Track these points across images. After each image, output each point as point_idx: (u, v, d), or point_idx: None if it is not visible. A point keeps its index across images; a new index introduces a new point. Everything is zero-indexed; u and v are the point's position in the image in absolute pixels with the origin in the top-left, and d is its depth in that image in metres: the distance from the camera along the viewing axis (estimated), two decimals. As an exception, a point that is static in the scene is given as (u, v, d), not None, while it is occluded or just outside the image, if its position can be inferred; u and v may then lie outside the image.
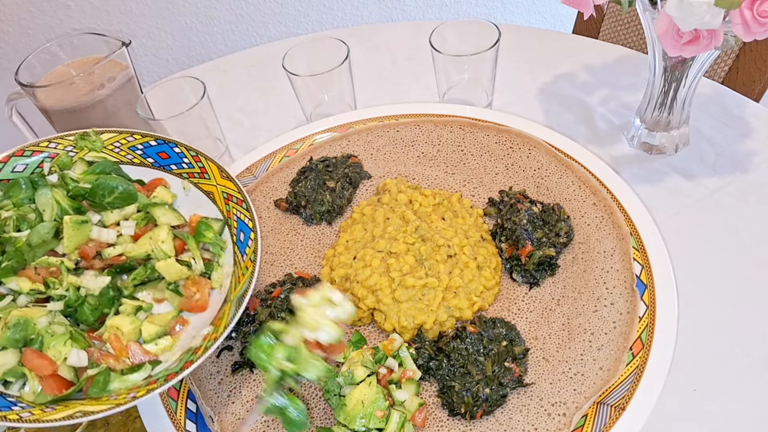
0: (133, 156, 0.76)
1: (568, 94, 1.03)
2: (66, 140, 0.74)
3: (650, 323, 0.65)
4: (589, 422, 0.60)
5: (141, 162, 0.76)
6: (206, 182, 0.74)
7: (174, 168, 0.76)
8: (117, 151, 0.76)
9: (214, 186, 0.73)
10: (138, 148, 0.76)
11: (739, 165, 0.87)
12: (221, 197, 0.72)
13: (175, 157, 0.75)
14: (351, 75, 0.97)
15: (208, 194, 0.74)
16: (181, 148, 0.75)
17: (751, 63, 1.10)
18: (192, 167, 0.75)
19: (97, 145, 0.75)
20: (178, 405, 0.65)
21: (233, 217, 0.71)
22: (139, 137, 0.76)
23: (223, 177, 0.73)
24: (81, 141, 0.74)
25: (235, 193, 0.71)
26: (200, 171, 0.74)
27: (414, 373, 0.64)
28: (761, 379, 0.66)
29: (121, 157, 0.76)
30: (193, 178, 0.75)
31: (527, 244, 0.72)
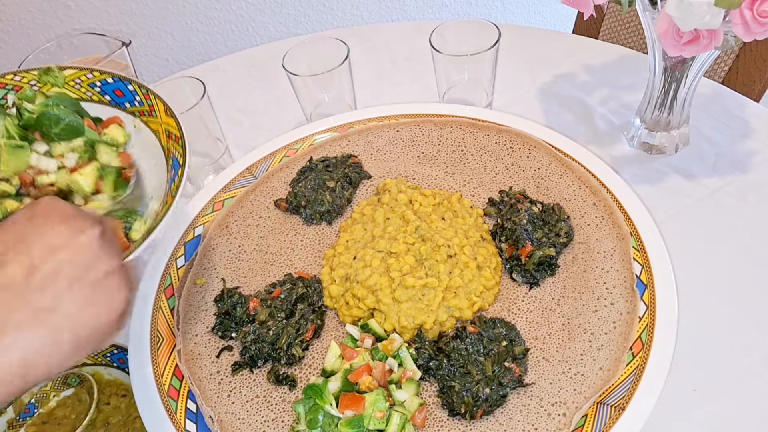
0: (92, 93, 0.77)
1: (568, 94, 1.03)
2: (30, 74, 0.75)
3: (650, 323, 0.65)
4: (589, 422, 0.60)
5: (99, 99, 0.77)
6: (154, 120, 0.74)
7: (128, 106, 0.76)
8: (78, 88, 0.77)
9: (159, 124, 0.74)
10: (96, 85, 0.77)
11: (739, 165, 0.87)
12: (164, 135, 0.73)
13: (129, 95, 0.76)
14: (351, 75, 0.97)
15: (155, 132, 0.74)
16: (134, 86, 0.76)
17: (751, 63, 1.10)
18: (143, 105, 0.75)
19: (59, 81, 0.76)
20: (178, 405, 0.65)
21: (171, 151, 0.71)
22: (98, 74, 0.77)
23: (168, 114, 0.73)
24: (44, 76, 0.75)
25: (174, 130, 0.71)
26: (149, 108, 0.75)
27: (414, 373, 0.64)
28: (761, 379, 0.66)
29: (81, 93, 0.77)
30: (143, 116, 0.76)
31: (527, 244, 0.72)
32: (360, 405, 0.59)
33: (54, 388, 0.76)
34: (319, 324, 0.71)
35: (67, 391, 0.76)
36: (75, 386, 0.76)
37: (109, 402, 0.74)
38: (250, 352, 0.68)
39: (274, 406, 0.65)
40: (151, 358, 0.69)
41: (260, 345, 0.68)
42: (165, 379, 0.67)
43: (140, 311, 0.74)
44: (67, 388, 0.76)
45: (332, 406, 0.60)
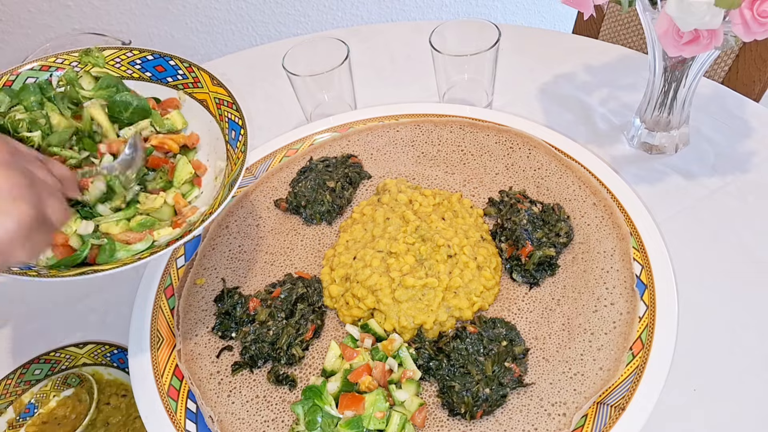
0: (133, 71, 0.80)
1: (568, 94, 1.03)
2: (71, 56, 0.78)
3: (650, 323, 0.65)
4: (589, 422, 0.60)
5: (140, 76, 0.80)
6: (200, 90, 0.79)
7: (170, 80, 0.80)
8: (118, 66, 0.80)
9: (207, 93, 0.78)
10: (137, 62, 0.80)
11: (739, 165, 0.87)
12: (213, 103, 0.77)
13: (171, 70, 0.80)
14: (351, 75, 0.97)
15: (201, 102, 0.79)
16: (176, 61, 0.80)
17: (751, 63, 1.10)
18: (186, 78, 0.79)
19: (100, 61, 0.79)
20: (178, 405, 0.65)
21: (225, 119, 0.76)
22: (137, 52, 0.80)
23: (215, 84, 0.78)
24: (85, 57, 0.78)
25: (225, 98, 0.76)
26: (194, 81, 0.79)
27: (414, 373, 0.64)
28: (761, 379, 0.66)
29: (122, 72, 0.80)
30: (188, 89, 0.79)
31: (527, 244, 0.72)
32: (360, 405, 0.59)
33: (54, 388, 0.76)
34: (319, 324, 0.71)
35: (67, 391, 0.76)
36: (75, 386, 0.76)
37: (109, 402, 0.74)
38: (250, 352, 0.68)
39: (274, 406, 0.65)
40: (151, 358, 0.69)
41: (260, 345, 0.68)
42: (165, 379, 0.67)
43: (140, 311, 0.74)
44: (67, 388, 0.76)
45: (332, 406, 0.60)
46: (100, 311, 0.84)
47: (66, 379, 0.76)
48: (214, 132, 0.77)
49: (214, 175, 0.75)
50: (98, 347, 0.78)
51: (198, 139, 0.78)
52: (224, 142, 0.75)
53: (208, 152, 0.78)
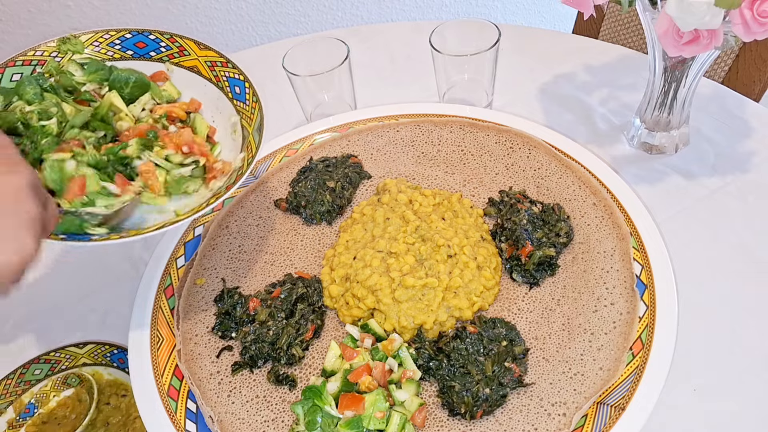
0: (113, 51, 0.79)
1: (568, 94, 1.03)
2: (49, 46, 0.77)
3: (650, 323, 0.65)
4: (589, 422, 0.60)
5: (121, 56, 0.79)
6: (187, 58, 0.78)
7: (153, 54, 0.79)
8: (98, 50, 0.79)
9: (196, 59, 0.78)
10: (116, 43, 0.79)
11: (739, 165, 0.87)
12: (205, 67, 0.77)
13: (152, 44, 0.79)
14: (351, 75, 0.97)
15: (191, 69, 0.79)
16: (155, 34, 0.79)
17: (751, 63, 1.10)
18: (170, 49, 0.79)
19: (79, 47, 0.78)
20: (178, 405, 0.65)
21: (222, 78, 0.76)
22: (114, 33, 0.79)
23: (202, 48, 0.78)
24: (63, 45, 0.77)
25: (218, 59, 0.76)
26: (179, 50, 0.79)
27: (414, 373, 0.64)
28: (761, 379, 0.66)
29: (102, 54, 0.79)
30: (174, 59, 0.79)
31: (527, 244, 0.72)
32: (360, 405, 0.59)
33: (54, 388, 0.76)
34: (319, 324, 0.71)
35: (67, 391, 0.76)
36: (75, 386, 0.76)
37: (109, 402, 0.74)
38: (250, 352, 0.68)
39: (274, 406, 0.65)
40: (151, 358, 0.69)
41: (260, 345, 0.68)
42: (165, 379, 0.67)
43: (140, 311, 0.74)
44: (67, 388, 0.76)
45: (332, 406, 0.60)
46: (100, 311, 0.84)
47: (66, 379, 0.76)
48: (211, 94, 0.78)
49: (230, 131, 0.75)
50: (98, 347, 0.78)
51: (200, 104, 0.79)
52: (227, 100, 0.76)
53: (212, 113, 0.78)
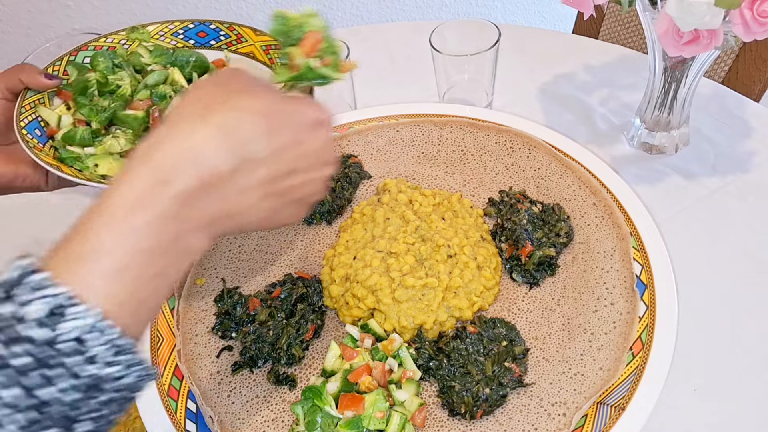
0: (177, 41, 0.86)
1: (568, 94, 1.03)
2: (119, 35, 0.84)
3: (650, 323, 0.65)
4: (589, 422, 0.60)
5: (184, 45, 0.85)
6: (244, 45, 0.84)
7: (213, 43, 0.85)
8: (162, 39, 0.86)
9: (252, 45, 0.83)
10: (179, 33, 0.86)
11: (739, 165, 0.87)
12: (261, 51, 0.82)
13: (212, 33, 0.85)
14: (351, 75, 0.97)
15: (247, 55, 0.83)
16: (216, 24, 0.86)
17: (751, 63, 1.10)
18: (228, 37, 0.84)
19: (146, 36, 0.85)
20: (178, 405, 0.65)
21: (277, 61, 0.80)
22: (178, 23, 0.86)
23: (258, 34, 0.82)
24: (131, 34, 0.84)
25: (272, 42, 0.81)
26: (236, 37, 0.84)
27: (414, 374, 0.64)
28: (761, 379, 0.66)
29: (167, 44, 0.86)
30: (232, 46, 0.84)
31: (527, 244, 0.72)
32: (360, 405, 0.59)
33: (54, 388, 0.76)
34: (319, 324, 0.71)
35: (67, 391, 0.76)
36: (75, 386, 0.76)
37: (109, 402, 0.74)
38: (250, 352, 0.68)
39: (274, 407, 0.65)
40: (151, 358, 0.69)
41: (260, 345, 0.68)
42: (165, 379, 0.67)
43: (140, 311, 0.73)
44: (66, 388, 0.76)
45: (331, 406, 0.60)
46: (100, 311, 0.84)
47: (66, 379, 0.76)
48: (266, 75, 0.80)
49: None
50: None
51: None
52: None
53: None
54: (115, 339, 0.34)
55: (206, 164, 0.38)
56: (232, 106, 0.40)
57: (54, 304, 0.33)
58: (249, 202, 0.41)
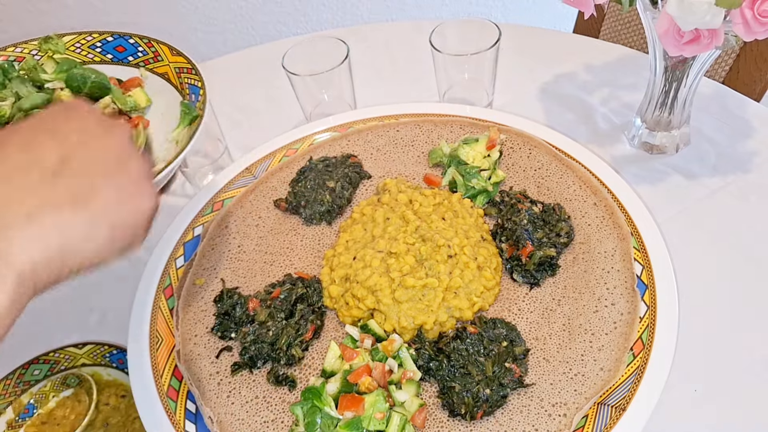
0: (94, 54, 0.81)
1: (569, 94, 1.03)
2: (30, 44, 0.79)
3: (651, 324, 0.64)
4: (590, 423, 0.60)
5: (101, 59, 0.81)
6: (160, 64, 0.80)
7: (131, 59, 0.81)
8: (78, 52, 0.81)
9: (167, 65, 0.79)
10: (97, 45, 0.81)
11: (740, 165, 0.87)
12: (174, 73, 0.78)
13: (131, 48, 0.81)
14: (351, 74, 0.97)
15: (162, 75, 0.79)
16: (135, 38, 0.81)
17: (752, 63, 1.10)
18: (146, 54, 0.80)
19: (60, 47, 0.79)
20: (177, 406, 0.65)
21: (185, 86, 0.77)
22: (97, 35, 0.81)
23: (174, 54, 0.79)
24: (44, 44, 0.78)
25: (185, 65, 0.77)
26: (153, 55, 0.80)
27: (414, 374, 0.63)
28: (761, 379, 0.66)
29: (83, 57, 0.81)
30: (149, 64, 0.80)
31: (528, 245, 0.72)
32: (359, 406, 0.59)
33: (53, 388, 0.76)
34: (318, 324, 0.71)
35: (66, 392, 0.76)
36: (74, 387, 0.76)
37: (108, 402, 0.74)
38: (249, 352, 0.68)
39: (273, 407, 0.65)
40: (151, 359, 0.69)
41: (260, 345, 0.68)
42: (164, 380, 0.67)
43: (139, 311, 0.73)
44: (66, 388, 0.76)
45: (331, 407, 0.60)
46: (99, 311, 0.84)
47: (65, 380, 0.76)
48: (176, 103, 0.78)
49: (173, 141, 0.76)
50: (97, 348, 0.78)
51: (148, 122, 0.79)
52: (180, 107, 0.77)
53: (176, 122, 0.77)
54: None
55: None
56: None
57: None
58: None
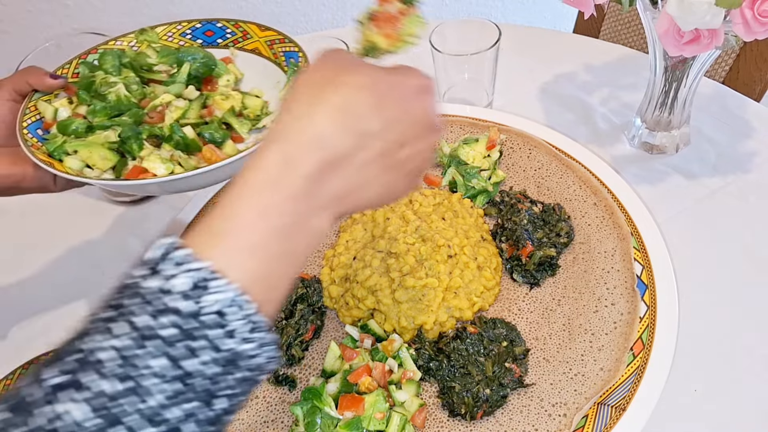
0: (185, 41, 0.86)
1: (569, 94, 1.03)
2: (128, 37, 0.85)
3: (651, 324, 0.64)
4: (590, 423, 0.60)
5: (192, 45, 0.86)
6: (249, 41, 0.84)
7: (220, 41, 0.86)
8: (171, 40, 0.86)
9: (257, 41, 0.84)
10: (187, 33, 0.86)
11: (740, 165, 0.87)
12: (265, 47, 0.83)
13: (219, 32, 0.86)
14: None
15: (253, 51, 0.84)
16: (222, 22, 0.87)
17: (752, 63, 1.10)
18: (235, 34, 0.85)
19: (155, 38, 0.85)
20: (177, 406, 0.65)
21: (279, 54, 0.81)
22: (185, 23, 0.87)
23: (263, 29, 0.83)
24: (140, 36, 0.84)
25: (276, 37, 0.82)
26: (242, 34, 0.85)
27: (414, 374, 0.63)
28: (761, 379, 0.66)
29: (176, 44, 0.86)
30: (238, 44, 0.85)
31: (528, 245, 0.72)
32: (359, 406, 0.59)
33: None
34: (318, 324, 0.71)
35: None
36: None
37: (108, 402, 0.74)
38: (249, 352, 0.68)
39: (273, 407, 0.65)
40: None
41: (260, 345, 0.68)
42: (164, 380, 0.67)
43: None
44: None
45: (331, 407, 0.60)
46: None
47: (65, 380, 0.76)
48: (270, 71, 0.81)
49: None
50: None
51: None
52: (283, 72, 0.80)
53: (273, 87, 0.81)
54: (252, 315, 0.34)
55: (328, 145, 0.39)
56: (341, 84, 0.41)
57: (197, 277, 0.34)
58: (367, 178, 0.42)
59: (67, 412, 0.30)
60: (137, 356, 0.32)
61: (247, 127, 0.77)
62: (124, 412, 0.31)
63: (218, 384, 0.34)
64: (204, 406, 0.33)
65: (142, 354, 0.32)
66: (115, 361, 0.32)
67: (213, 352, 0.33)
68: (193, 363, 0.33)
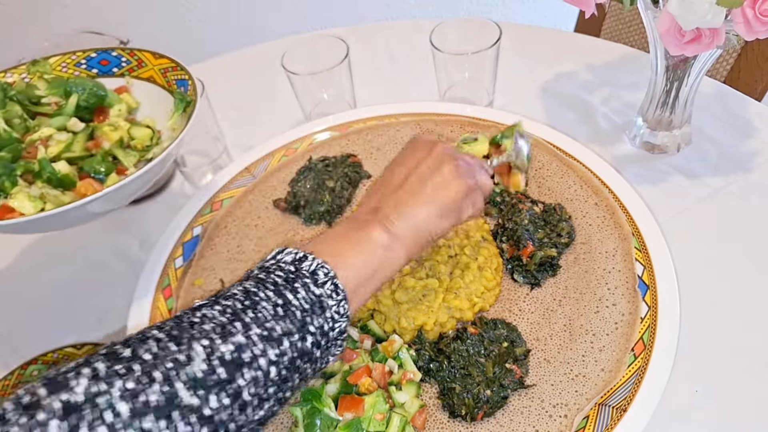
0: (79, 71, 0.84)
1: (570, 93, 1.03)
2: (19, 69, 0.83)
3: (652, 324, 0.64)
4: (591, 424, 0.59)
5: (87, 75, 0.84)
6: (145, 69, 0.83)
7: (116, 70, 0.85)
8: (65, 70, 0.84)
9: (152, 69, 0.83)
10: (82, 62, 0.84)
11: (742, 164, 0.87)
12: (159, 75, 0.82)
13: (114, 61, 0.84)
14: (351, 74, 0.97)
15: (148, 79, 0.83)
16: (118, 51, 0.85)
17: (754, 62, 1.10)
18: (130, 63, 0.84)
19: (48, 68, 0.83)
20: (176, 407, 0.65)
21: (172, 83, 0.80)
22: (80, 53, 0.85)
23: (157, 57, 0.82)
24: (32, 67, 0.83)
25: (169, 65, 0.81)
26: (137, 63, 0.84)
27: (414, 375, 0.63)
28: (762, 379, 0.66)
29: (70, 74, 0.84)
30: (133, 72, 0.84)
31: (528, 245, 0.72)
32: (359, 407, 0.59)
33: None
34: (318, 325, 0.70)
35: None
36: (73, 387, 0.76)
37: (107, 403, 0.74)
38: (249, 353, 0.68)
39: (273, 408, 0.65)
40: (150, 360, 0.69)
41: (259, 346, 0.68)
42: (163, 381, 0.67)
43: (138, 312, 0.73)
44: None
45: (331, 408, 0.60)
46: (97, 312, 0.84)
47: (64, 380, 0.76)
48: (164, 99, 0.81)
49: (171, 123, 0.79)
50: (95, 348, 0.77)
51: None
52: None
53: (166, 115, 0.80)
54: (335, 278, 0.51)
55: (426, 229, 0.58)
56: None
57: (331, 275, 0.51)
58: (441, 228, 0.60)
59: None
60: (256, 293, 0.48)
61: (135, 159, 0.76)
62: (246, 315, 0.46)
63: (306, 318, 0.48)
64: (297, 333, 0.47)
65: (259, 290, 0.48)
66: (241, 293, 0.48)
67: (326, 322, 0.50)
68: (291, 296, 0.48)
